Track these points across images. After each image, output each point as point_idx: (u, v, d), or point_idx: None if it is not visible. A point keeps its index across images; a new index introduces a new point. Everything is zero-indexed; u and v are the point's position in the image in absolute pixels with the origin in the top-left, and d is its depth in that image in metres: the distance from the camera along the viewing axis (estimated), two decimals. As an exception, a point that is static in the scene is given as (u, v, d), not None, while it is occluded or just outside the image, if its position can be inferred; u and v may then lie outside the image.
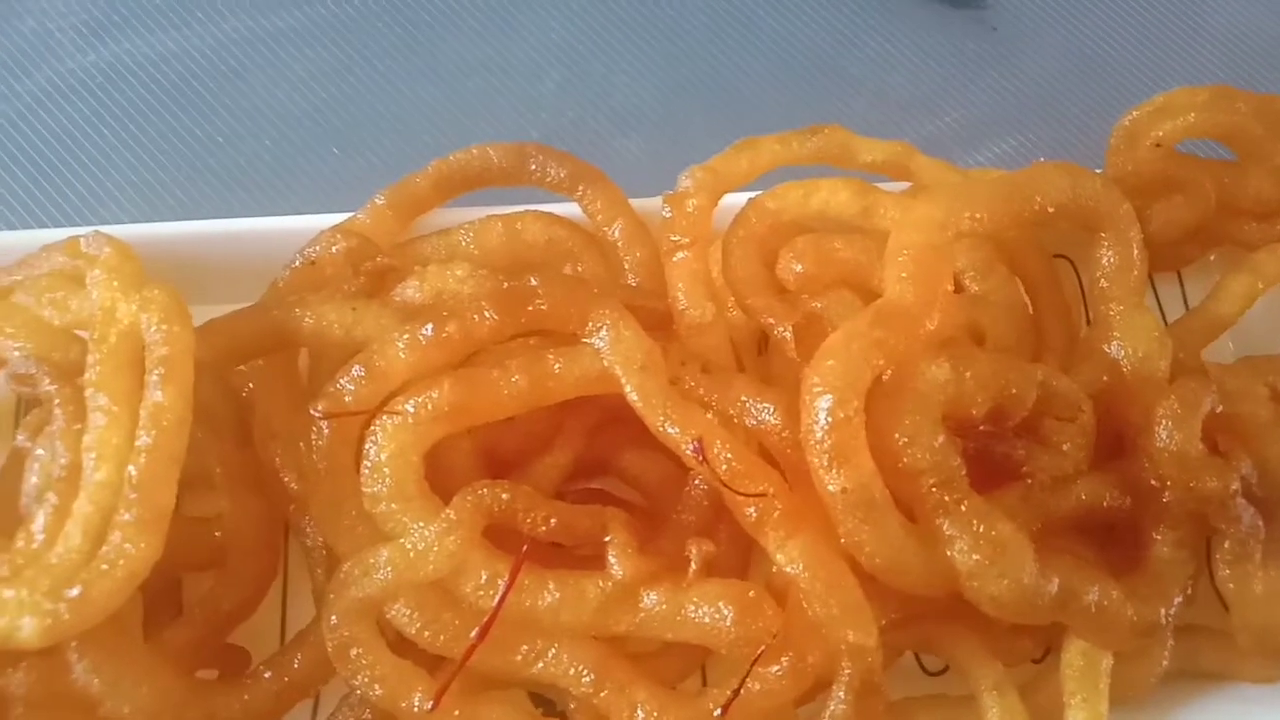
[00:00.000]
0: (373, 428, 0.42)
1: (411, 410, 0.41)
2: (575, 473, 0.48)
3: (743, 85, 0.62)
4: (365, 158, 0.57)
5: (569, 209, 0.51)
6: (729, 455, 0.42)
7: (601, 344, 0.43)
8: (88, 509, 0.38)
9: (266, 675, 0.42)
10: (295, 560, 0.46)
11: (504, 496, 0.41)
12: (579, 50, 0.61)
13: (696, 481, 0.46)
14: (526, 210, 0.50)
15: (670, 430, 0.42)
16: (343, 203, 0.51)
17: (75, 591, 0.36)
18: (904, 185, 0.52)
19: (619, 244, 0.50)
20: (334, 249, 0.48)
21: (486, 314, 0.43)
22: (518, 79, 0.60)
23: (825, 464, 0.41)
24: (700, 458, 0.42)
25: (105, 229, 0.46)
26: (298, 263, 0.49)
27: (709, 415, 0.43)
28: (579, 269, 0.50)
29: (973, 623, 0.43)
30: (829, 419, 0.41)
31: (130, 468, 0.38)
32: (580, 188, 0.50)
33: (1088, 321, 0.53)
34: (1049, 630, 0.44)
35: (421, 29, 0.60)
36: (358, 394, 0.43)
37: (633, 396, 0.43)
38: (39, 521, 0.39)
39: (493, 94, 0.60)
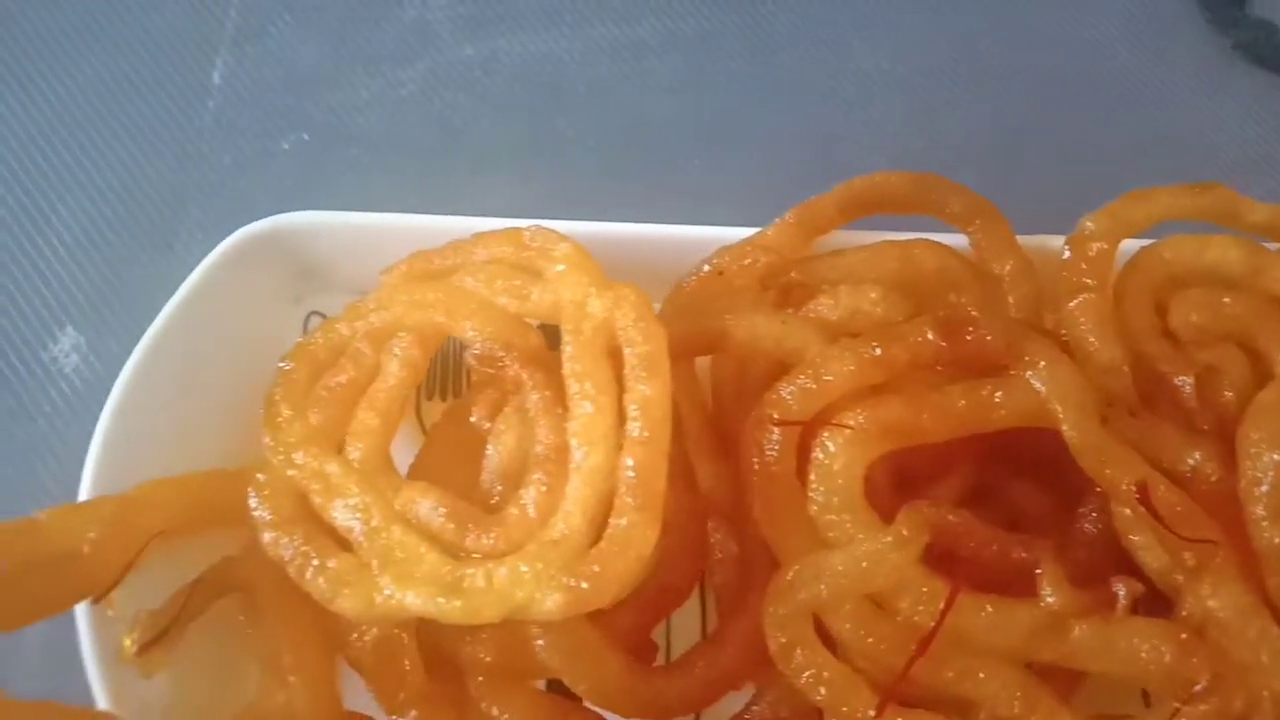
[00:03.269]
0: (823, 438, 0.43)
1: (860, 424, 0.43)
2: (960, 500, 0.49)
3: (1069, 130, 0.63)
4: (723, 170, 0.59)
5: (956, 240, 0.52)
6: (1172, 500, 0.43)
7: (1038, 379, 0.45)
8: (585, 492, 0.40)
9: (700, 665, 0.44)
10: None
11: (950, 519, 0.43)
12: (917, 82, 0.63)
13: (1086, 522, 0.48)
14: (920, 239, 0.52)
15: (1108, 470, 0.44)
16: (700, 214, 0.53)
17: (595, 569, 0.38)
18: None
19: (1005, 279, 0.52)
20: (746, 261, 0.50)
21: (930, 337, 0.45)
22: (859, 106, 0.62)
23: (1268, 516, 0.42)
24: (1141, 500, 0.43)
25: (517, 223, 0.48)
26: (705, 270, 0.51)
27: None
28: (961, 300, 0.52)
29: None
30: (1275, 474, 0.42)
31: (628, 458, 0.40)
32: (976, 221, 0.52)
33: None
34: None
35: (773, 52, 0.62)
36: (799, 403, 0.44)
37: (1070, 433, 0.44)
38: (529, 499, 0.41)
39: (835, 118, 0.62)
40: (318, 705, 0.42)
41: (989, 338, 0.45)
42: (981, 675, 0.43)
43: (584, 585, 0.37)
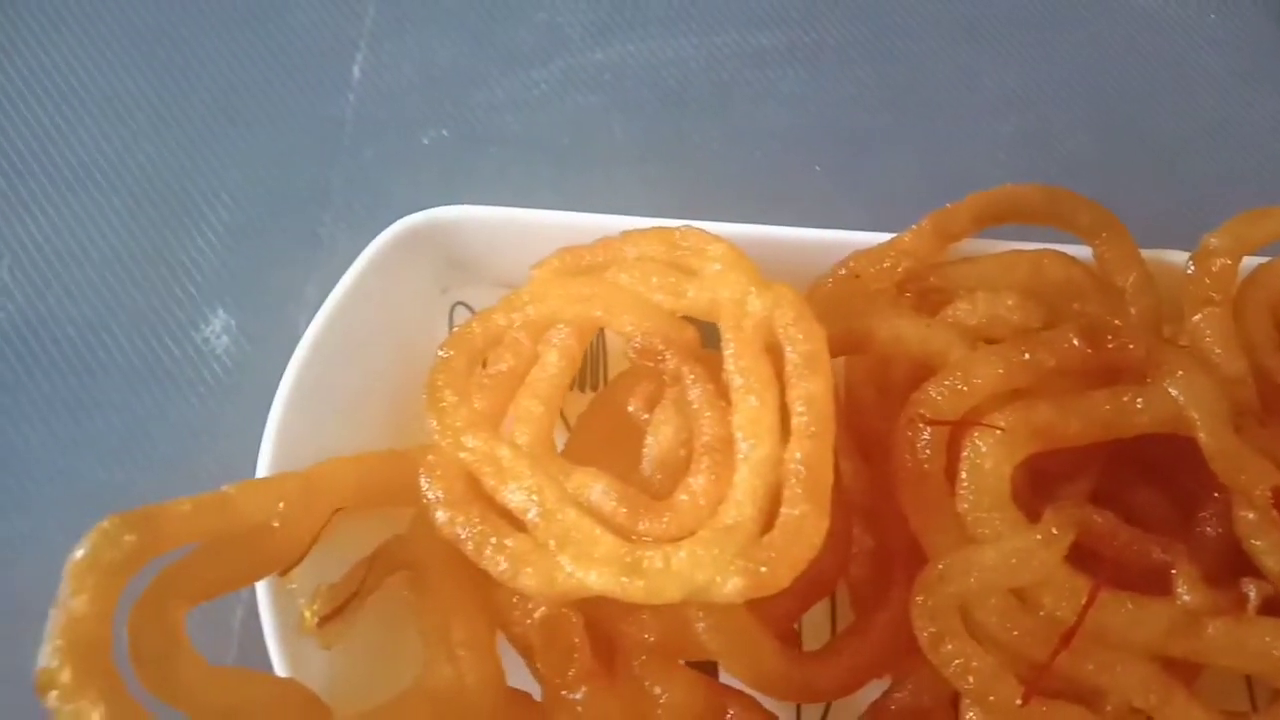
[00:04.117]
0: (974, 438, 0.45)
1: (1010, 425, 0.45)
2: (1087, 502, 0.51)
3: (1174, 149, 0.65)
4: (844, 176, 0.61)
5: (1080, 251, 0.54)
6: (1308, 507, 0.45)
7: (1175, 387, 0.46)
8: (755, 482, 0.41)
9: (846, 654, 0.45)
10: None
11: (1096, 519, 0.45)
12: (1033, 98, 0.65)
13: (1206, 526, 0.50)
14: (1047, 249, 0.53)
15: (1242, 476, 0.45)
16: (818, 219, 0.54)
17: (771, 556, 0.40)
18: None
19: (1127, 292, 0.54)
20: (885, 264, 0.52)
21: (1076, 343, 0.46)
22: (978, 122, 0.64)
23: (1404, 527, 0.44)
24: (1277, 505, 0.45)
25: (665, 222, 0.50)
26: (841, 273, 0.53)
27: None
28: (1086, 309, 0.54)
29: None
30: None
31: (797, 451, 0.42)
32: (1102, 234, 0.53)
33: None
34: None
35: (892, 63, 0.64)
36: (948, 403, 0.46)
37: (1207, 440, 0.46)
38: (699, 487, 0.42)
39: (954, 132, 0.63)
40: (485, 679, 0.43)
41: (1131, 346, 0.47)
42: (1119, 669, 0.45)
43: (763, 570, 0.39)
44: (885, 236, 0.53)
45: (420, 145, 0.59)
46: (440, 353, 0.49)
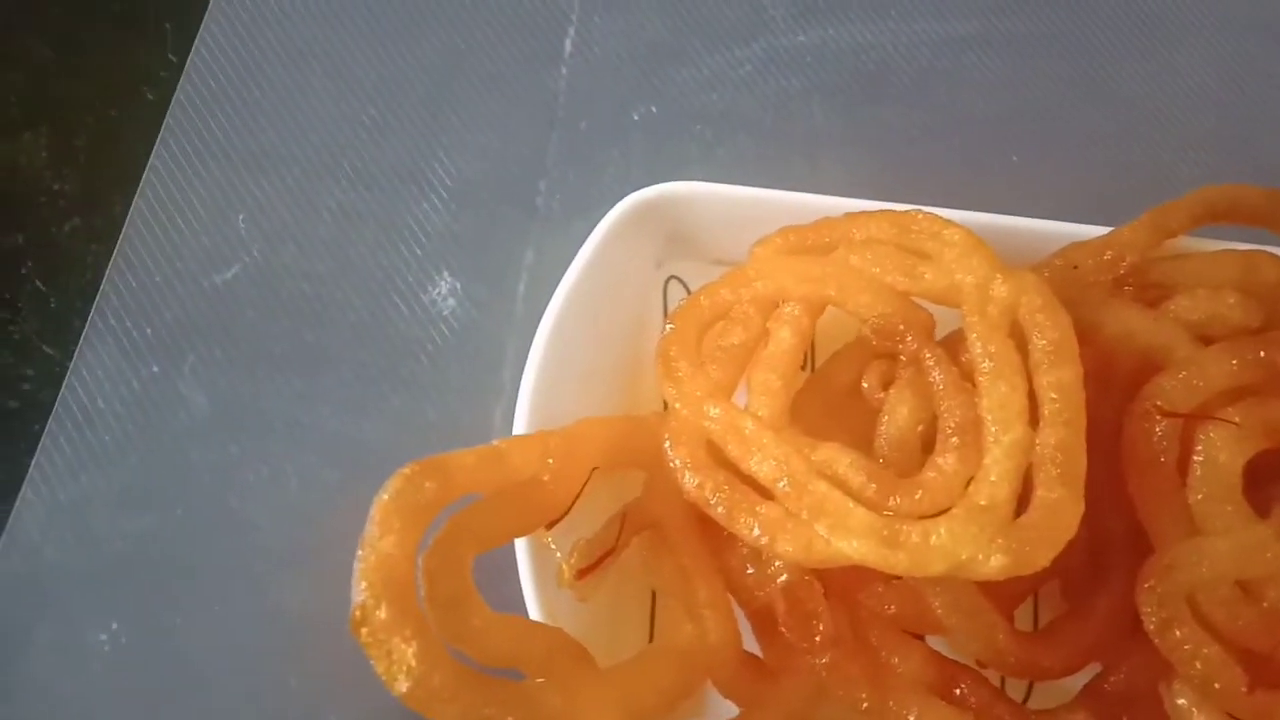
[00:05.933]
0: (1209, 432, 0.46)
1: (1243, 421, 0.46)
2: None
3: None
4: (1038, 167, 0.62)
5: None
6: None
7: (1404, 391, 0.47)
8: (1008, 465, 0.43)
9: (1069, 636, 0.47)
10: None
11: (1326, 514, 0.46)
12: (1232, 102, 0.65)
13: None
14: (1259, 250, 0.54)
15: None
16: (1014, 209, 0.55)
17: (1031, 537, 0.41)
18: None
19: (1340, 295, 0.54)
20: (1105, 256, 0.53)
21: (1308, 345, 0.47)
22: (1175, 119, 0.64)
23: None
24: None
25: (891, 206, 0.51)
26: (1057, 264, 0.54)
27: None
28: (1291, 312, 0.54)
29: None
30: None
31: (1051, 437, 0.43)
32: (1320, 239, 0.54)
33: None
34: None
35: (1090, 55, 0.65)
36: (1182, 396, 0.47)
37: None
38: (948, 466, 0.44)
39: (1150, 128, 0.64)
40: (726, 638, 0.45)
41: (1362, 348, 0.47)
42: (1339, 660, 0.46)
43: (1027, 548, 0.40)
44: (1096, 229, 0.54)
45: (630, 120, 0.60)
46: (669, 324, 0.51)
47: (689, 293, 0.55)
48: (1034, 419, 0.45)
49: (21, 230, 0.57)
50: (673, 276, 0.56)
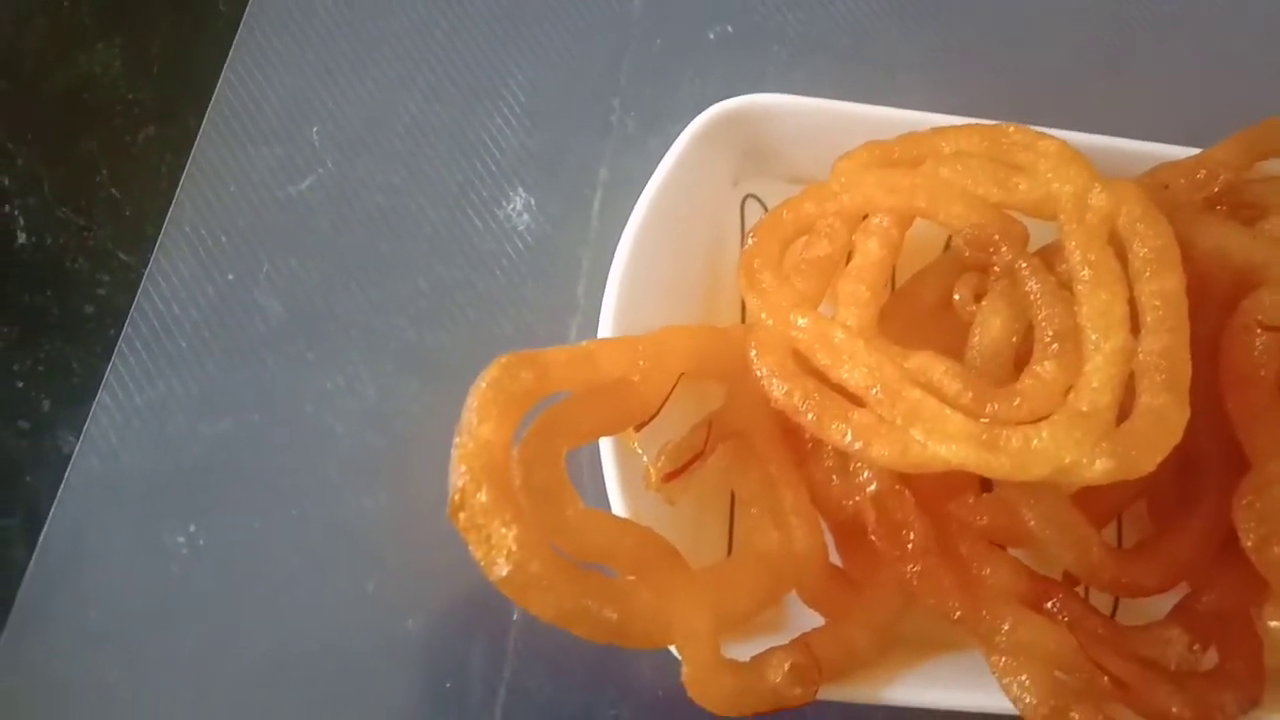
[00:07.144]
0: (1325, 355, 0.45)
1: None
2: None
3: None
4: (1123, 90, 0.60)
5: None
6: None
7: None
8: (1110, 371, 0.42)
9: (1163, 553, 0.46)
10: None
11: None
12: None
13: None
14: (1352, 173, 0.53)
15: None
16: (1102, 130, 0.54)
17: (1139, 441, 0.40)
18: None
19: None
20: (1199, 175, 0.51)
21: None
22: (1261, 46, 0.62)
23: None
24: None
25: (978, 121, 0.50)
26: (1148, 183, 0.52)
27: None
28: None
29: None
30: None
31: (1155, 344, 0.42)
32: None
33: None
34: None
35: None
36: (1274, 312, 0.46)
37: None
38: (1048, 373, 0.43)
39: (1236, 55, 0.62)
40: (813, 546, 0.45)
41: None
42: None
43: (1133, 453, 0.40)
44: (1186, 150, 0.53)
45: (705, 39, 0.59)
46: (751, 237, 0.50)
47: (766, 211, 0.54)
48: (1134, 328, 0.44)
49: (96, 139, 0.57)
50: (750, 195, 0.56)
